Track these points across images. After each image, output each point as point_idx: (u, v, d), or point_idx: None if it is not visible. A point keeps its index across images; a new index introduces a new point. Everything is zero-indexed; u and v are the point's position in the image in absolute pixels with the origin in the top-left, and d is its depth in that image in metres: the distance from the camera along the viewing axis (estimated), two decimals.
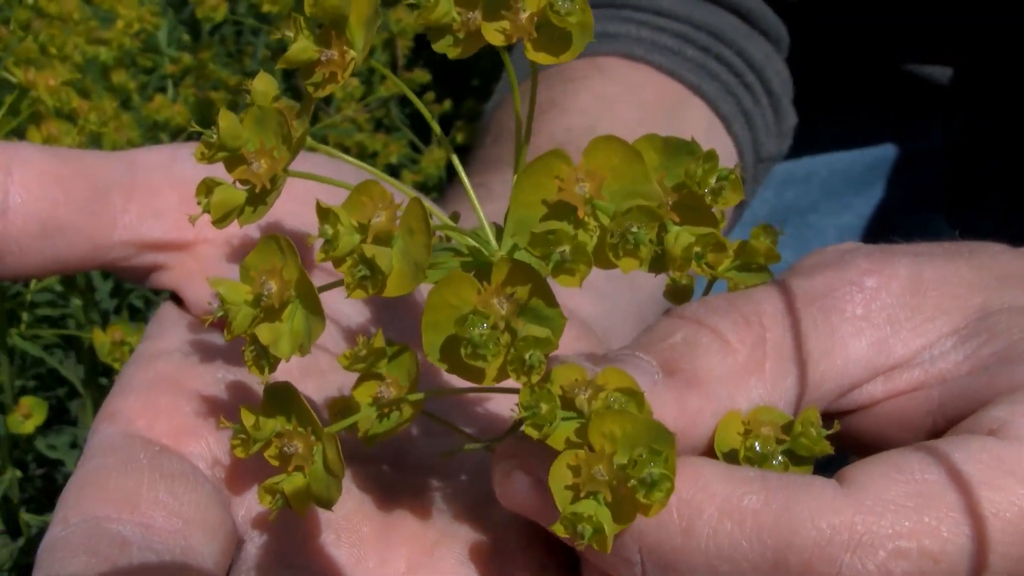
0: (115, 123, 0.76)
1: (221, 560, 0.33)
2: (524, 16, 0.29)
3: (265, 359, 0.32)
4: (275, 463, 0.33)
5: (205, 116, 1.08)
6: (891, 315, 0.36)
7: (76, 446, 0.99)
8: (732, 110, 0.72)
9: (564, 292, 0.52)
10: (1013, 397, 0.33)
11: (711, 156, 0.29)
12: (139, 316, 1.08)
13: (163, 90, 1.15)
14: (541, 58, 0.30)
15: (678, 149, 0.30)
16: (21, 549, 0.98)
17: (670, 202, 0.29)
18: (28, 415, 0.79)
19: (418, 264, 0.29)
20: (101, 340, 0.76)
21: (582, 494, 0.29)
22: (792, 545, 0.30)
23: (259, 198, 0.32)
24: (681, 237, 0.29)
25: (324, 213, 0.30)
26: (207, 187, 0.32)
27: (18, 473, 0.90)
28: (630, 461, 0.29)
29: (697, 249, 0.29)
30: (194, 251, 0.40)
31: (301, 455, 0.32)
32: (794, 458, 0.34)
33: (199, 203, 0.32)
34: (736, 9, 0.75)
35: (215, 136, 0.31)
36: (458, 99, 1.41)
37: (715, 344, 0.34)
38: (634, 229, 0.28)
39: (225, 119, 0.31)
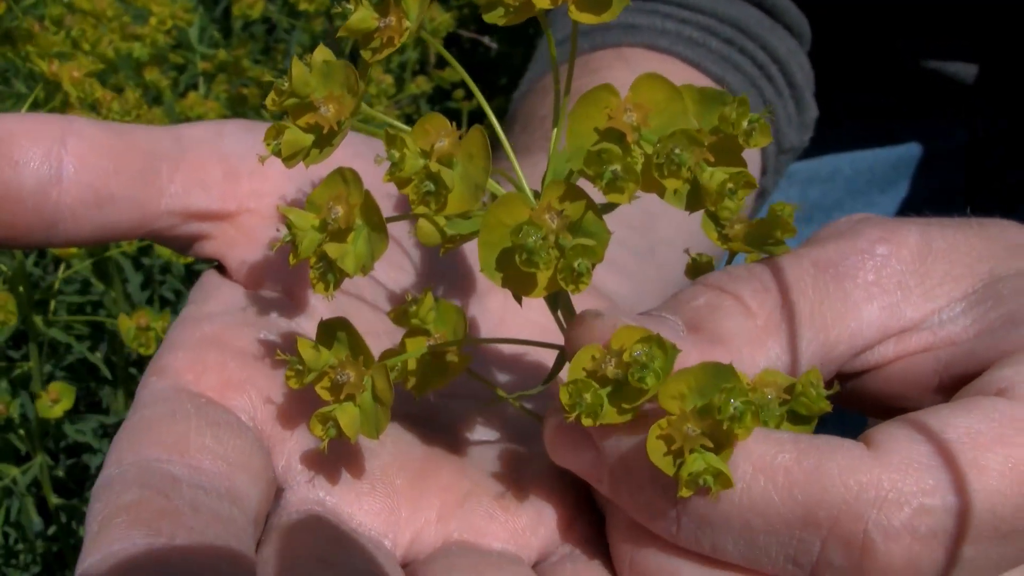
0: (138, 112, 0.77)
1: (262, 505, 0.35)
2: None
3: (332, 274, 0.34)
4: (326, 396, 0.35)
5: (238, 113, 1.09)
6: (901, 281, 0.37)
7: (106, 434, 1.00)
8: (755, 102, 0.72)
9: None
10: (1018, 358, 0.34)
11: (744, 102, 0.31)
12: (170, 307, 1.10)
13: (195, 87, 1.16)
14: (584, 18, 0.32)
15: (712, 98, 0.32)
16: (51, 535, 0.99)
17: (706, 143, 0.32)
18: (57, 400, 0.80)
19: (477, 185, 0.32)
20: (127, 326, 0.78)
21: (686, 456, 0.31)
22: (822, 501, 0.31)
23: (326, 140, 0.33)
24: (716, 175, 0.32)
25: (391, 139, 0.32)
26: (276, 130, 0.34)
27: (49, 461, 0.92)
28: (714, 407, 0.31)
29: (730, 185, 0.32)
30: (237, 221, 0.42)
31: (353, 383, 0.34)
32: (796, 418, 0.35)
33: (267, 146, 0.34)
34: (760, 3, 0.75)
35: (286, 84, 0.33)
36: (488, 97, 1.41)
37: (736, 308, 0.36)
38: (677, 151, 0.31)
39: (297, 68, 0.33)
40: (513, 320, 0.45)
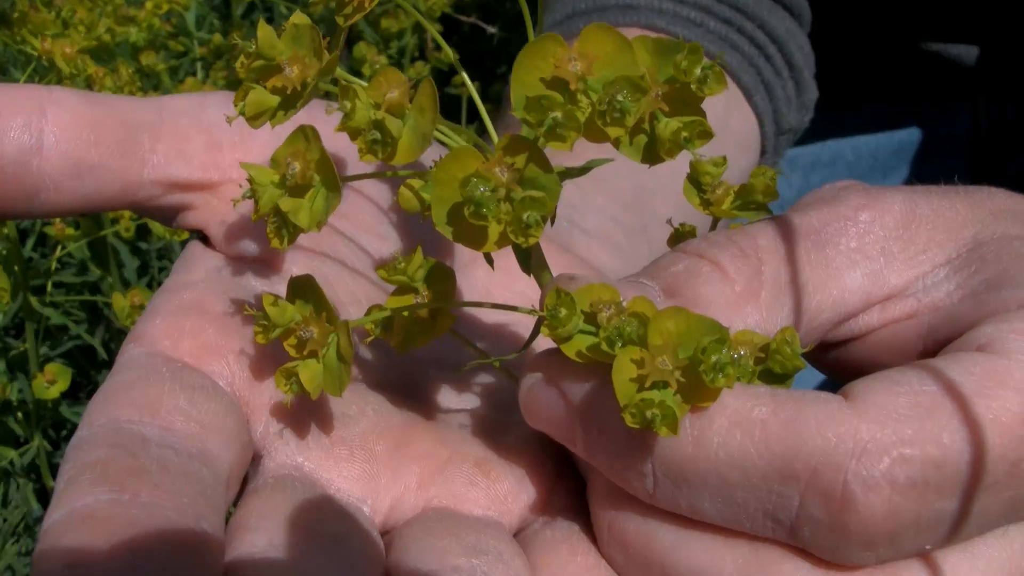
0: (131, 89, 0.77)
1: (235, 467, 0.34)
2: None
3: (286, 228, 0.34)
4: (293, 352, 0.35)
5: None
6: (885, 247, 0.37)
7: None
8: (753, 81, 0.72)
9: (583, 246, 0.54)
10: (999, 317, 0.33)
11: (696, 49, 0.31)
12: None
13: (194, 74, 1.16)
14: None
15: (667, 48, 0.31)
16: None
17: (659, 92, 0.31)
18: (53, 381, 0.80)
19: (425, 136, 0.32)
20: (121, 304, 0.77)
21: (647, 384, 0.31)
22: (799, 453, 0.31)
23: (290, 101, 0.33)
24: (670, 124, 0.31)
25: (344, 90, 0.32)
26: (244, 91, 0.34)
27: (46, 445, 0.92)
28: (699, 349, 0.30)
29: (685, 134, 0.31)
30: (220, 191, 0.41)
31: (316, 340, 0.34)
32: (771, 376, 0.35)
33: (236, 107, 0.34)
34: None
35: (253, 47, 0.33)
36: (488, 83, 1.42)
37: (714, 274, 0.36)
38: (620, 97, 0.30)
39: (263, 30, 0.33)
40: (499, 291, 0.45)
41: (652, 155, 0.32)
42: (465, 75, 0.39)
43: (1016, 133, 0.86)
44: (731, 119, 0.70)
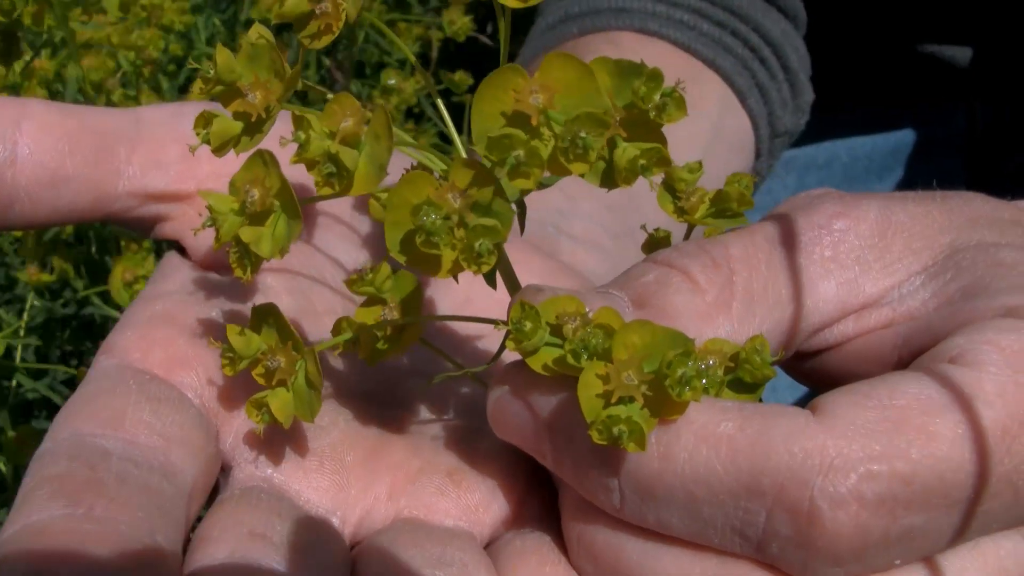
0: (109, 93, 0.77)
1: (200, 479, 0.35)
2: None
3: (248, 259, 0.34)
4: (262, 381, 0.35)
5: None
6: (860, 256, 0.36)
7: None
8: (747, 84, 0.72)
9: (570, 249, 0.53)
10: (972, 327, 0.33)
11: (655, 75, 0.31)
12: None
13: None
14: (511, 2, 0.31)
15: (629, 71, 0.31)
16: None
17: (618, 118, 0.31)
18: None
19: (381, 165, 0.31)
20: (116, 284, 0.77)
21: (613, 400, 0.30)
22: (765, 469, 0.30)
23: (254, 127, 0.33)
24: (628, 150, 0.31)
25: (298, 120, 0.32)
26: (205, 119, 0.33)
27: None
28: (664, 363, 0.30)
29: (642, 162, 0.31)
30: (195, 202, 0.41)
31: (284, 369, 0.34)
32: (742, 386, 0.34)
33: (197, 135, 0.34)
34: None
35: (212, 71, 0.33)
36: None
37: (685, 284, 0.35)
38: (583, 134, 0.30)
39: (221, 54, 0.33)
40: (480, 297, 0.45)
41: (610, 181, 0.31)
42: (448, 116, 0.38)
43: (1013, 132, 0.86)
44: (725, 122, 0.70)
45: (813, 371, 0.38)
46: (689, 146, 0.66)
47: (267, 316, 0.35)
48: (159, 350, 0.37)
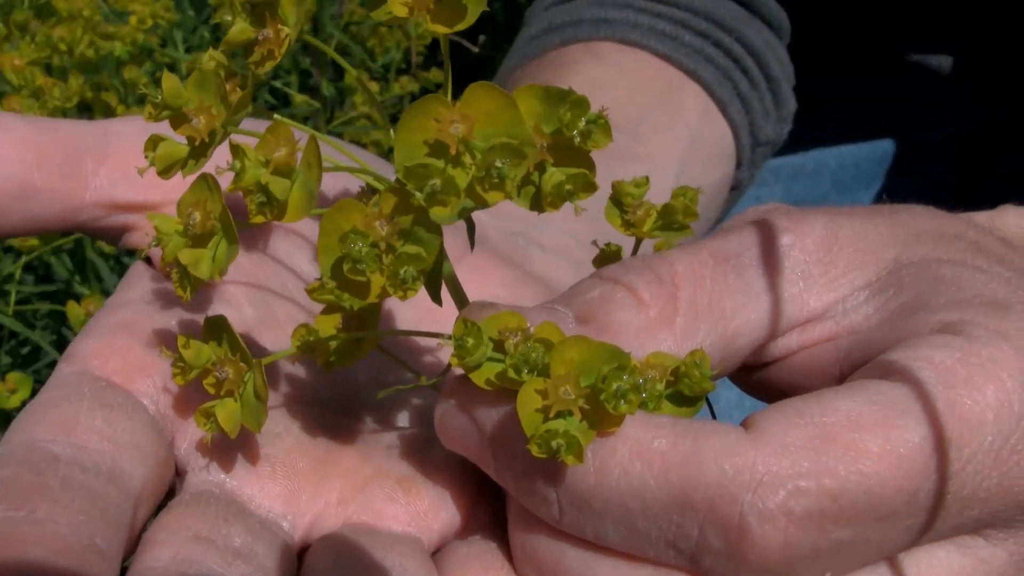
0: (80, 97, 0.77)
1: (150, 483, 0.35)
2: None
3: (187, 280, 0.34)
4: (212, 391, 0.36)
5: None
6: (805, 271, 0.37)
7: None
8: (728, 94, 0.72)
9: (540, 260, 0.54)
10: (908, 343, 0.33)
11: (579, 102, 0.31)
12: None
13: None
14: (439, 29, 0.32)
15: (557, 97, 0.31)
16: None
17: (544, 144, 0.31)
18: (14, 390, 0.81)
19: (312, 194, 0.32)
20: (75, 312, 0.78)
21: (552, 414, 0.31)
22: (697, 485, 0.31)
23: (199, 151, 0.34)
24: (554, 175, 0.31)
25: (234, 149, 0.32)
26: (153, 143, 0.34)
27: None
28: (599, 378, 0.30)
29: (568, 187, 0.31)
30: (163, 213, 0.41)
31: (232, 380, 0.35)
32: (682, 399, 0.35)
33: (146, 157, 0.34)
34: None
35: (159, 97, 0.34)
36: None
37: (628, 300, 0.36)
38: (498, 163, 0.30)
39: (168, 81, 0.34)
40: (443, 308, 0.45)
41: (538, 205, 0.32)
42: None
43: (1005, 134, 0.86)
44: (704, 131, 0.70)
45: (760, 384, 0.39)
46: (666, 156, 0.66)
47: (218, 328, 0.36)
48: (118, 358, 0.37)
